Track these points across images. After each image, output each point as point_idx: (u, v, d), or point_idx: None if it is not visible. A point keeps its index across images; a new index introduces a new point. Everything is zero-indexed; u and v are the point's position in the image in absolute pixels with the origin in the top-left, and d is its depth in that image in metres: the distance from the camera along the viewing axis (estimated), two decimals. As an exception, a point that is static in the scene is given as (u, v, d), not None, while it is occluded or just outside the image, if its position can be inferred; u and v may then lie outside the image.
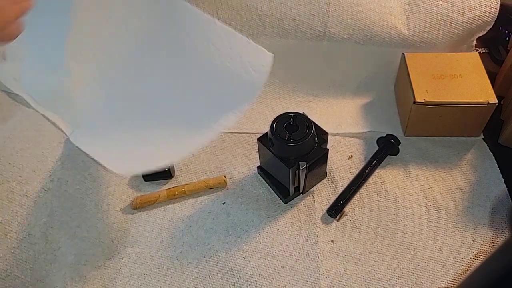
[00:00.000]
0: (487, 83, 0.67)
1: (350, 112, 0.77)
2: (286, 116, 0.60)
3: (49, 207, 0.60)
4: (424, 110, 0.67)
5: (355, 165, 0.69)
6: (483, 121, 0.69)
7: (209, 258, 0.60)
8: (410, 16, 0.74)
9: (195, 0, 0.77)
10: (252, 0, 0.75)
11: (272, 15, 0.75)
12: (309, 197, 0.66)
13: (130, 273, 0.60)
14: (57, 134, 0.67)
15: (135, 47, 0.69)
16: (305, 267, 0.59)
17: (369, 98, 0.79)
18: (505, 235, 0.61)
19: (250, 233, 0.63)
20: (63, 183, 0.63)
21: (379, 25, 0.73)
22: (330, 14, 0.74)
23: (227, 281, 0.58)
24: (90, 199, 0.64)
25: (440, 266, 0.58)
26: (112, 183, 0.67)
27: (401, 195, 0.66)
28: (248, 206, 0.66)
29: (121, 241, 0.63)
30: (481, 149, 0.70)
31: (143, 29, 0.68)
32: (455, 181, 0.67)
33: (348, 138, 0.73)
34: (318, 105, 0.78)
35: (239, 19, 0.76)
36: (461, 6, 0.73)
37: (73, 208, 0.62)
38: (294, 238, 0.62)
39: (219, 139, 0.74)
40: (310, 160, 0.59)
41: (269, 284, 0.58)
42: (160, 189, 0.67)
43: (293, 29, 0.75)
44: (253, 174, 0.69)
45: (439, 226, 0.62)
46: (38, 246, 0.58)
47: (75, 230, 0.61)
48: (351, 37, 0.74)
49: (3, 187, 0.59)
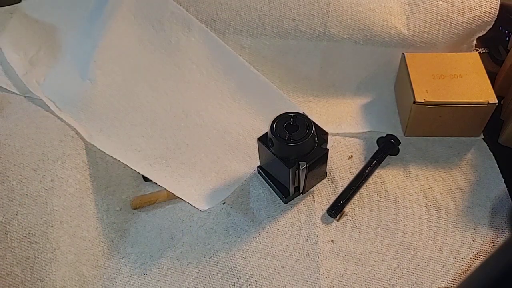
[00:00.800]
0: (487, 83, 0.67)
1: (350, 112, 0.77)
2: (286, 116, 0.60)
3: (49, 206, 0.60)
4: (424, 110, 0.67)
5: (355, 165, 0.69)
6: (483, 121, 0.69)
7: (209, 258, 0.60)
8: (410, 16, 0.74)
9: (195, 1, 0.77)
10: (252, 0, 0.75)
11: (272, 15, 0.75)
12: (309, 197, 0.66)
13: (130, 273, 0.60)
14: (57, 133, 0.67)
15: (168, 76, 0.72)
16: (305, 267, 0.59)
17: (369, 98, 0.79)
18: (505, 235, 0.61)
19: (250, 233, 0.63)
20: (64, 183, 0.63)
21: (379, 25, 0.73)
22: (330, 14, 0.74)
23: (227, 281, 0.58)
24: (90, 199, 0.64)
25: (440, 266, 0.58)
26: (112, 183, 0.67)
27: (401, 195, 0.66)
28: (248, 206, 0.66)
29: (121, 241, 0.63)
30: (481, 149, 0.70)
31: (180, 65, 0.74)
32: (455, 181, 0.67)
33: (348, 138, 0.73)
34: (318, 105, 0.78)
35: (239, 19, 0.76)
36: (461, 6, 0.73)
37: (73, 208, 0.62)
38: (294, 238, 0.62)
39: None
40: (310, 160, 0.59)
41: (269, 284, 0.58)
42: (160, 189, 0.67)
43: (293, 29, 0.75)
44: (253, 174, 0.69)
45: (439, 226, 0.62)
46: (38, 245, 0.58)
47: (75, 229, 0.61)
48: (351, 37, 0.74)
49: (3, 186, 0.59)
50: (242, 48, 0.77)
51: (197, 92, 0.75)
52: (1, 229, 0.56)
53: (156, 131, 0.71)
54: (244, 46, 0.77)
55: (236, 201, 0.66)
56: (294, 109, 0.62)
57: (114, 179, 0.68)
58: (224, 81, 0.76)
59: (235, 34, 0.76)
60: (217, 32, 0.77)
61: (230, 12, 0.76)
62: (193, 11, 0.77)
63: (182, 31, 0.75)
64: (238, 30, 0.76)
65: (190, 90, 0.75)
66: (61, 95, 0.71)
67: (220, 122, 0.73)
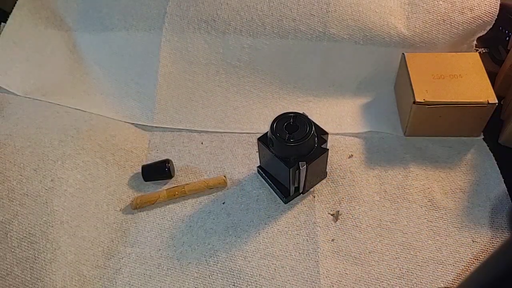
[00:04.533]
0: (487, 83, 0.67)
1: (350, 112, 0.77)
2: (286, 116, 0.60)
3: (50, 206, 0.60)
4: (424, 110, 0.67)
5: (355, 164, 0.69)
6: (483, 121, 0.69)
7: (209, 258, 0.60)
8: (410, 16, 0.74)
9: (195, 1, 0.77)
10: (252, 0, 0.75)
11: (272, 15, 0.75)
12: (309, 197, 0.66)
13: (130, 273, 0.60)
14: (57, 133, 0.67)
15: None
16: (305, 267, 0.59)
17: (369, 98, 0.79)
18: (505, 235, 0.61)
19: (250, 233, 0.63)
20: (64, 183, 0.63)
21: (379, 25, 0.73)
22: (330, 14, 0.74)
23: (227, 281, 0.58)
24: (90, 199, 0.64)
25: (440, 266, 0.58)
26: (112, 183, 0.67)
27: (401, 195, 0.66)
28: (248, 206, 0.66)
29: (121, 241, 0.63)
30: (481, 149, 0.70)
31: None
32: (455, 181, 0.67)
33: (348, 138, 0.73)
34: (318, 105, 0.78)
35: (239, 19, 0.76)
36: (461, 6, 0.73)
37: (73, 208, 0.62)
38: (294, 238, 0.62)
39: (219, 139, 0.74)
40: (310, 160, 0.59)
41: (269, 284, 0.58)
42: (160, 189, 0.68)
43: (293, 29, 0.75)
44: (253, 174, 0.69)
45: (439, 226, 0.62)
46: (38, 245, 0.58)
47: (75, 229, 0.61)
48: (351, 37, 0.74)
49: (3, 186, 0.59)
50: (242, 48, 0.77)
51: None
52: (1, 229, 0.56)
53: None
54: (244, 46, 0.77)
55: (236, 201, 0.66)
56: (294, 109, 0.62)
57: (114, 179, 0.68)
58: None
59: (235, 34, 0.76)
60: (217, 32, 0.77)
61: (230, 12, 0.76)
62: (193, 11, 0.77)
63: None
64: (238, 30, 0.76)
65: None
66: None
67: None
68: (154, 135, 0.75)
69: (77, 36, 0.83)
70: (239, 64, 0.78)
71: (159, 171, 0.68)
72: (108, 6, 0.81)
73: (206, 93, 0.78)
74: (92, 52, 0.83)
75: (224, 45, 0.77)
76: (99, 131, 0.72)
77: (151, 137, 0.75)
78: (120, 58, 0.81)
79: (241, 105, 0.78)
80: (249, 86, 0.79)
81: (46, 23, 0.84)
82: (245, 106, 0.78)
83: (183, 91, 0.78)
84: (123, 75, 0.80)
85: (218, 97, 0.78)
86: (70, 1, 0.83)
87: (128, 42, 0.80)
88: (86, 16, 0.82)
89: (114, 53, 0.81)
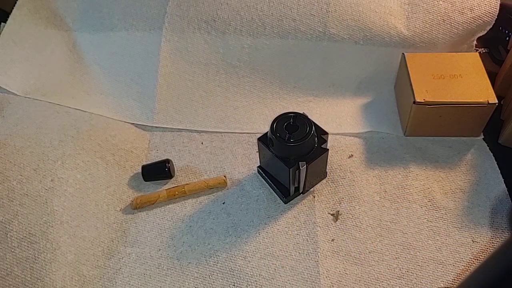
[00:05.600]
0: (487, 83, 0.67)
1: (350, 112, 0.77)
2: (286, 116, 0.60)
3: (50, 206, 0.60)
4: (424, 110, 0.67)
5: (355, 164, 0.69)
6: (483, 121, 0.69)
7: (209, 258, 0.60)
8: (410, 16, 0.74)
9: (195, 1, 0.77)
10: (252, 0, 0.75)
11: (272, 15, 0.75)
12: (309, 197, 0.66)
13: (130, 273, 0.60)
14: (57, 133, 0.67)
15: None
16: (305, 267, 0.59)
17: (369, 98, 0.79)
18: (505, 235, 0.61)
19: (250, 233, 0.63)
20: (64, 183, 0.63)
21: (379, 25, 0.73)
22: (330, 14, 0.74)
23: (227, 281, 0.58)
24: (90, 199, 0.64)
25: (439, 266, 0.58)
26: (112, 183, 0.67)
27: (401, 195, 0.66)
28: (248, 206, 0.66)
29: (121, 241, 0.63)
30: (481, 149, 0.70)
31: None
32: (455, 181, 0.67)
33: (348, 137, 0.73)
34: (318, 105, 0.78)
35: (239, 19, 0.76)
36: (461, 6, 0.73)
37: (73, 208, 0.62)
38: (294, 238, 0.62)
39: (219, 139, 0.74)
40: (310, 160, 0.59)
41: (269, 284, 0.58)
42: (160, 189, 0.68)
43: (293, 29, 0.75)
44: (253, 174, 0.69)
45: (439, 226, 0.62)
46: (38, 245, 0.58)
47: (75, 229, 0.61)
48: (351, 37, 0.74)
49: (3, 186, 0.59)
50: (242, 48, 0.77)
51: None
52: (1, 229, 0.56)
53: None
54: (244, 46, 0.77)
55: (236, 201, 0.66)
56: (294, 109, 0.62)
57: (114, 179, 0.68)
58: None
59: (235, 34, 0.76)
60: (217, 32, 0.77)
61: (230, 12, 0.76)
62: (193, 11, 0.77)
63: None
64: (238, 30, 0.76)
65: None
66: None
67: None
68: (154, 135, 0.76)
69: (77, 36, 0.83)
70: (239, 64, 0.78)
71: (159, 171, 0.68)
72: (108, 6, 0.81)
73: (206, 93, 0.79)
74: (92, 52, 0.83)
75: (224, 45, 0.77)
76: (99, 131, 0.72)
77: (151, 137, 0.75)
78: (120, 58, 0.81)
79: (241, 105, 0.78)
80: (249, 86, 0.79)
81: (46, 23, 0.85)
82: (245, 106, 0.78)
83: (183, 91, 0.78)
84: (123, 75, 0.80)
85: (218, 97, 0.78)
86: (70, 1, 0.83)
87: (128, 42, 0.80)
88: (86, 16, 0.82)
89: (114, 53, 0.81)
